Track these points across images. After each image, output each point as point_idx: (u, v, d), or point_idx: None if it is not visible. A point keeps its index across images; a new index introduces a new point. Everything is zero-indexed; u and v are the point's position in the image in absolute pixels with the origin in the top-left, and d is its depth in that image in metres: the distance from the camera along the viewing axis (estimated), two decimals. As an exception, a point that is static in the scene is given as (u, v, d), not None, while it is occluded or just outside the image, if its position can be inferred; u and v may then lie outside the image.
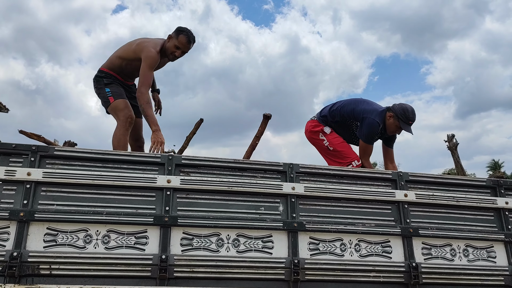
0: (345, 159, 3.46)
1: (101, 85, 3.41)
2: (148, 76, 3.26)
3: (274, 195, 2.34)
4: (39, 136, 2.60)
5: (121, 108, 3.31)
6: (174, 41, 3.35)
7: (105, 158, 2.24)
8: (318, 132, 3.64)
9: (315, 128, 3.66)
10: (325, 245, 2.31)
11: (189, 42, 3.37)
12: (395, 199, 2.47)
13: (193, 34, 3.42)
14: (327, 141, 3.57)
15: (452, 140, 9.89)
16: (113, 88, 3.38)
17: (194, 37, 3.42)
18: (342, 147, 3.53)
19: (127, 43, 3.49)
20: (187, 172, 2.31)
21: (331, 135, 3.59)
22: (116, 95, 3.35)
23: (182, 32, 3.35)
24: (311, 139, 3.74)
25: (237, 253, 2.19)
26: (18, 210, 2.04)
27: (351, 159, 3.45)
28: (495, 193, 2.63)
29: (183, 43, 3.35)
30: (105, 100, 3.37)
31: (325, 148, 3.58)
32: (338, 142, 3.55)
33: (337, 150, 3.52)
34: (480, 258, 2.48)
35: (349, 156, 3.48)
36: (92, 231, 2.10)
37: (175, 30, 3.40)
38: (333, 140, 3.57)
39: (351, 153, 3.51)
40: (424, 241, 2.43)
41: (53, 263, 1.99)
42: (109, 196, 2.18)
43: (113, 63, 3.45)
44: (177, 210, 2.21)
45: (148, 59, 3.25)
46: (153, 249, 2.12)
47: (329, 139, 3.57)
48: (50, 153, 2.19)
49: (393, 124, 3.40)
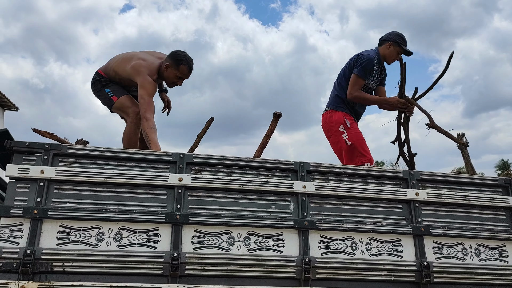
0: (362, 158, 3.42)
1: (99, 87, 3.36)
2: (150, 103, 3.11)
3: (285, 194, 2.34)
4: (52, 134, 2.62)
5: (128, 105, 3.26)
6: (174, 72, 3.20)
7: (117, 156, 2.26)
8: (339, 123, 3.57)
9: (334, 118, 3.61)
10: (336, 243, 2.31)
11: (190, 70, 3.24)
12: (406, 198, 2.46)
13: (190, 56, 3.26)
14: (346, 135, 3.52)
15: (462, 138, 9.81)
16: (113, 87, 3.33)
17: (192, 60, 3.28)
18: (361, 144, 3.49)
19: (122, 58, 3.34)
20: (198, 170, 2.31)
21: (352, 129, 3.54)
22: (118, 93, 3.30)
23: (181, 62, 3.18)
24: (328, 131, 3.67)
25: (248, 251, 2.20)
26: (32, 208, 2.06)
27: (367, 159, 3.42)
28: (507, 192, 2.61)
29: (185, 73, 3.23)
30: (108, 100, 3.33)
31: (343, 141, 3.52)
32: (357, 138, 3.51)
33: (355, 147, 3.47)
34: (492, 258, 2.47)
35: (366, 155, 3.45)
36: (105, 229, 2.11)
37: (171, 57, 3.22)
38: (353, 135, 3.52)
39: (368, 153, 3.48)
40: (436, 240, 2.42)
41: (66, 260, 2.01)
42: (121, 194, 2.19)
43: (109, 74, 3.36)
44: (188, 208, 2.22)
45: (147, 88, 3.11)
46: (164, 247, 2.13)
47: (350, 133, 3.52)
48: (63, 151, 2.21)
49: (394, 51, 3.62)
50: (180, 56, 3.19)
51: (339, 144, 3.58)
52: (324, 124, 3.74)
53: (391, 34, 3.66)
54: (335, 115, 3.62)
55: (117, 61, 3.32)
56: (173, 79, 3.24)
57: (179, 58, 3.18)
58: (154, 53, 3.44)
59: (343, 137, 3.53)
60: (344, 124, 3.55)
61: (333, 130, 3.62)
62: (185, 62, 3.18)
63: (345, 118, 3.57)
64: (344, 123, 3.56)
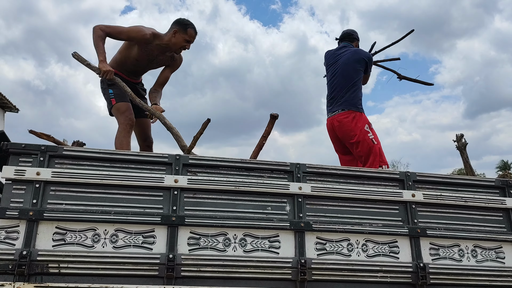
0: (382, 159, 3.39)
1: (105, 85, 3.40)
2: (118, 28, 3.28)
3: (281, 195, 2.35)
4: (48, 136, 2.62)
5: (122, 111, 3.28)
6: (183, 36, 3.35)
7: (113, 158, 2.26)
8: (365, 123, 3.52)
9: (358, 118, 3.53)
10: (332, 245, 2.31)
11: (196, 33, 3.42)
12: (403, 199, 2.46)
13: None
14: (372, 134, 3.47)
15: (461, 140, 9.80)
16: (116, 90, 3.34)
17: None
18: (380, 147, 3.46)
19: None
20: (194, 172, 2.32)
21: (373, 130, 3.51)
22: (118, 97, 3.32)
23: (188, 26, 3.36)
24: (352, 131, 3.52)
25: (244, 253, 2.20)
26: (28, 209, 2.07)
27: (385, 162, 3.40)
28: (504, 193, 2.61)
29: (193, 36, 3.39)
30: (108, 101, 3.37)
31: (369, 140, 3.43)
32: (378, 141, 3.47)
33: (379, 147, 3.44)
34: (489, 259, 2.47)
35: (384, 159, 3.42)
36: (100, 230, 2.12)
37: (177, 23, 3.38)
38: (376, 136, 3.48)
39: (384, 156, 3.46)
40: (432, 242, 2.42)
41: (62, 262, 2.02)
42: (117, 195, 2.19)
43: (115, 61, 3.46)
44: (184, 209, 2.22)
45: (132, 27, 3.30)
46: (160, 248, 2.13)
47: (374, 133, 3.49)
48: (59, 153, 2.22)
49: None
50: (186, 21, 3.39)
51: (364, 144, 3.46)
52: (342, 125, 3.59)
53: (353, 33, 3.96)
54: (358, 116, 3.55)
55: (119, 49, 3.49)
56: (182, 43, 3.37)
57: (186, 22, 3.37)
58: None
59: (369, 136, 3.46)
60: (369, 124, 3.53)
61: (357, 130, 3.50)
62: (191, 25, 3.37)
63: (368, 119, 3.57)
64: (369, 123, 3.54)
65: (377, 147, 3.43)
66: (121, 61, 3.44)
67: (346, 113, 3.57)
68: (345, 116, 3.57)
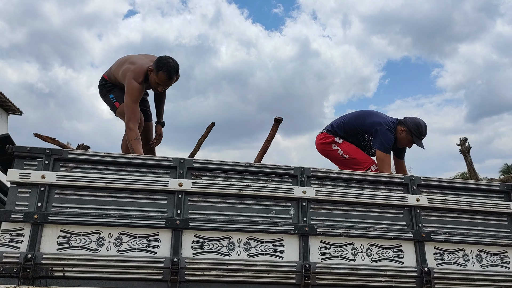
0: (362, 165, 3.41)
1: (104, 92, 3.41)
2: (134, 110, 3.07)
3: (285, 199, 2.34)
4: (53, 139, 2.62)
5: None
6: (154, 77, 3.10)
7: (118, 161, 2.27)
8: (330, 143, 3.58)
9: (326, 140, 3.60)
10: (336, 249, 2.30)
11: (170, 79, 3.11)
12: (407, 204, 2.45)
13: (175, 63, 3.13)
14: (341, 150, 3.52)
15: (464, 143, 9.79)
16: (116, 93, 3.35)
17: (176, 68, 3.13)
18: (357, 154, 3.49)
19: (119, 62, 3.33)
20: (198, 175, 2.32)
21: (343, 144, 3.53)
22: (121, 99, 3.31)
23: (161, 68, 3.05)
24: (323, 151, 3.67)
25: (248, 257, 2.19)
26: (32, 213, 2.07)
27: (368, 163, 3.41)
28: (509, 198, 2.60)
29: (163, 81, 3.11)
30: (112, 105, 3.37)
31: (340, 157, 3.52)
32: (352, 149, 3.50)
33: (353, 157, 3.47)
34: (494, 264, 2.45)
35: (366, 161, 3.43)
36: (105, 234, 2.12)
37: (155, 61, 3.11)
38: (346, 148, 3.51)
39: (367, 158, 3.47)
40: (437, 246, 2.41)
41: (66, 265, 2.02)
42: (121, 199, 2.19)
43: (111, 78, 3.39)
44: (188, 213, 2.22)
45: (131, 93, 3.08)
46: (164, 252, 2.13)
47: (343, 147, 3.52)
48: (64, 156, 2.22)
49: (405, 139, 3.40)
50: (162, 63, 3.07)
51: (338, 161, 3.56)
52: (317, 145, 3.73)
53: (411, 121, 3.38)
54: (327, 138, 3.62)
55: (116, 66, 3.34)
56: (153, 84, 3.15)
57: (160, 64, 3.07)
58: (150, 56, 3.39)
59: (339, 153, 3.53)
60: (334, 142, 3.56)
61: (327, 150, 3.61)
62: (165, 69, 3.06)
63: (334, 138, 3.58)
64: (334, 141, 3.56)
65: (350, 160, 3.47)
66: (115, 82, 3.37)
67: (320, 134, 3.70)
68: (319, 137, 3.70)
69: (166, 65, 3.06)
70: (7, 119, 16.55)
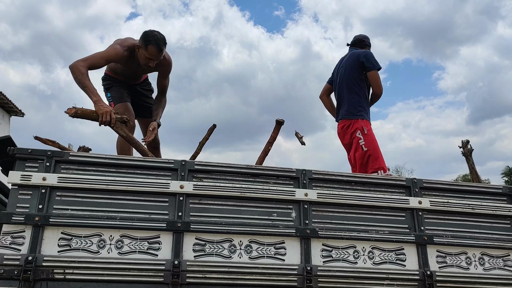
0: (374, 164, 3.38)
1: (103, 89, 3.43)
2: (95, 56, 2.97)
3: (287, 201, 2.33)
4: (54, 142, 2.62)
5: (120, 113, 3.24)
6: (144, 52, 3.06)
7: (119, 163, 2.26)
8: (357, 129, 3.54)
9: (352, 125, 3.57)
10: (338, 252, 2.29)
11: (160, 51, 3.07)
12: (409, 206, 2.44)
13: (162, 34, 3.09)
14: (363, 140, 3.48)
15: (466, 146, 9.79)
16: (113, 92, 3.36)
17: (164, 39, 3.10)
18: (375, 152, 3.44)
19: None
20: (200, 177, 2.31)
21: (368, 136, 3.49)
22: (116, 99, 3.33)
23: (150, 42, 3.02)
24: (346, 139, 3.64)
25: (250, 260, 2.19)
26: (34, 215, 2.07)
27: (380, 167, 3.38)
28: (511, 201, 2.59)
29: (154, 54, 3.06)
30: (109, 104, 3.37)
31: (359, 147, 3.48)
32: (374, 146, 3.46)
33: (370, 154, 3.43)
34: (496, 267, 2.44)
35: (380, 164, 3.40)
36: (106, 236, 2.11)
37: (141, 37, 3.08)
38: (369, 143, 3.47)
39: (382, 161, 3.43)
40: (439, 249, 2.40)
41: (67, 268, 2.01)
42: (122, 201, 2.19)
43: (110, 66, 3.40)
44: (189, 215, 2.22)
45: (107, 50, 3.06)
46: (165, 254, 2.12)
47: (366, 139, 3.48)
48: (65, 158, 2.22)
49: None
50: (149, 37, 3.04)
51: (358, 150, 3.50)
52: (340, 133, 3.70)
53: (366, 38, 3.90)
54: (353, 123, 3.57)
55: None
56: (144, 60, 3.10)
57: (148, 38, 3.04)
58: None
59: (360, 143, 3.47)
60: (362, 130, 3.51)
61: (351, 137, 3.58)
62: (153, 42, 3.02)
63: (363, 124, 3.54)
64: (362, 129, 3.52)
65: (367, 153, 3.43)
66: (114, 69, 3.40)
67: (344, 121, 3.67)
68: (342, 124, 3.68)
69: (153, 37, 3.03)
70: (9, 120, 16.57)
